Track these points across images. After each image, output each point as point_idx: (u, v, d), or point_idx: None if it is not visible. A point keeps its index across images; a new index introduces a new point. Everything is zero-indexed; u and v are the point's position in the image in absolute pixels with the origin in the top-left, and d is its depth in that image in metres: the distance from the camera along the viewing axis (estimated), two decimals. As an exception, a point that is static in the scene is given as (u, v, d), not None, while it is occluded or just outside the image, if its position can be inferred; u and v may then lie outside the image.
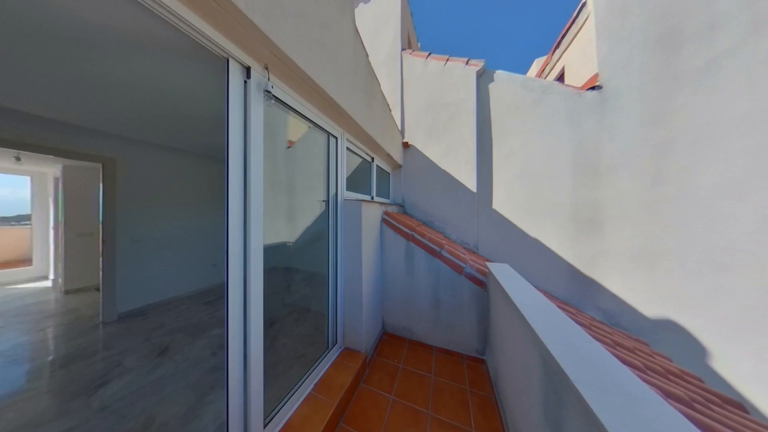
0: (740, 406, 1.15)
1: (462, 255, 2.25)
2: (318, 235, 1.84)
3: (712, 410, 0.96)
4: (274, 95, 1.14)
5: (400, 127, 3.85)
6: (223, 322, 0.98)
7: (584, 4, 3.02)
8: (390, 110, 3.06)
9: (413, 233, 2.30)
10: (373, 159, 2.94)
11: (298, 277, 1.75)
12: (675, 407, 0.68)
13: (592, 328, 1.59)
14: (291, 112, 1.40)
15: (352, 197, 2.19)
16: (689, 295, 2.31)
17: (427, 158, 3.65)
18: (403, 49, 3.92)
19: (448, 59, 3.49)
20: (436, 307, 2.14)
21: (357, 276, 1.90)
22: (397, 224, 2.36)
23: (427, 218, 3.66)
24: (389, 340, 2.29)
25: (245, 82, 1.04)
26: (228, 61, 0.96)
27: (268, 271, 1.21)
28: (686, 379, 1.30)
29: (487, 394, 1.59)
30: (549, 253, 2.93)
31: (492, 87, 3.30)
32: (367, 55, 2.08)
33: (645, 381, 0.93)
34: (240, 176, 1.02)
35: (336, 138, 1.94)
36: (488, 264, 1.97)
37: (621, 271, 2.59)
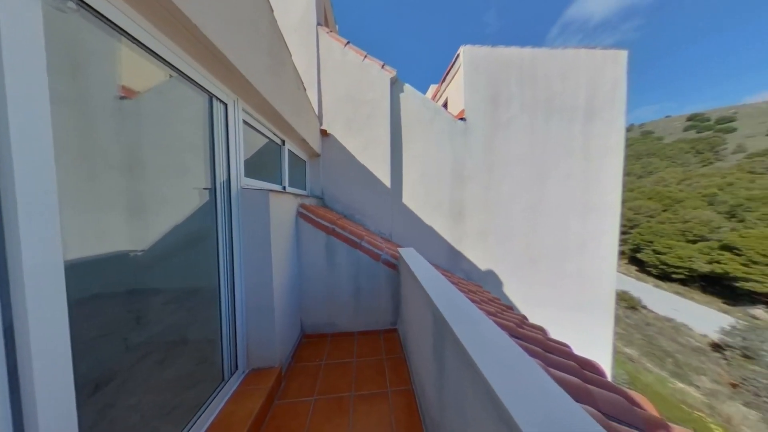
0: (511, 308, 2.20)
1: (379, 244, 2.50)
2: (195, 236, 1.33)
3: (503, 314, 1.78)
4: (78, -5, 0.65)
5: (317, 112, 3.53)
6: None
7: (458, 55, 4.19)
8: (305, 89, 2.71)
9: (334, 227, 2.24)
10: (284, 142, 2.50)
11: (157, 301, 1.17)
12: (490, 318, 1.21)
13: (459, 284, 2.37)
14: (125, 38, 0.86)
15: (255, 186, 1.76)
16: (497, 256, 4.02)
17: (348, 151, 3.64)
18: (319, 24, 3.54)
19: (366, 56, 3.58)
20: (357, 295, 2.26)
21: (266, 281, 1.58)
22: (316, 218, 2.20)
23: (349, 211, 3.70)
24: (309, 341, 2.15)
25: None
26: None
27: (89, 302, 0.72)
28: (495, 302, 2.29)
29: (398, 355, 1.93)
30: (437, 236, 3.96)
31: (402, 96, 3.80)
32: (272, 11, 1.68)
33: (480, 309, 1.53)
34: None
35: (225, 105, 1.45)
36: (399, 249, 2.34)
37: (472, 245, 4.01)
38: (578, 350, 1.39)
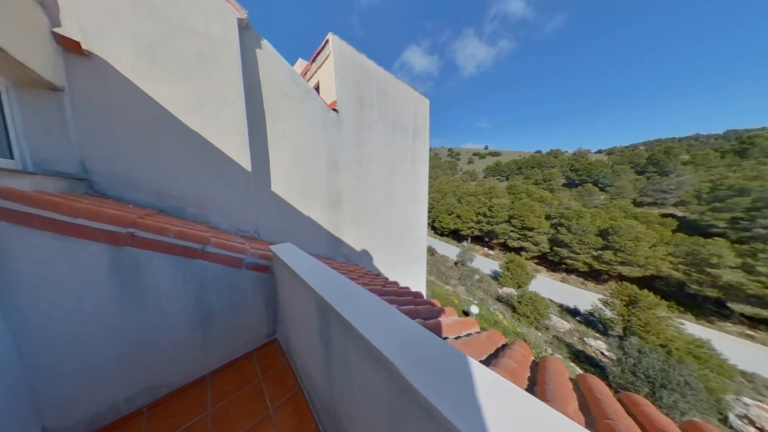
0: (378, 275, 2.87)
1: (240, 245, 1.91)
2: None
3: (373, 282, 2.27)
4: None
5: (37, -10, 1.66)
6: None
7: (327, 41, 4.10)
8: None
9: (133, 230, 1.32)
10: None
11: None
12: (365, 288, 1.52)
13: (339, 268, 2.58)
14: None
15: None
16: (368, 236, 4.91)
17: (156, 102, 2.19)
18: None
19: (184, -46, 2.25)
20: (205, 322, 1.59)
21: None
22: (67, 218, 1.13)
23: (172, 203, 2.35)
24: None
25: None
26: None
27: None
28: (369, 274, 2.84)
29: (280, 365, 1.71)
30: (317, 225, 3.89)
31: (261, 54, 2.99)
32: None
33: (359, 283, 1.82)
34: None
35: None
36: (271, 247, 1.97)
37: (349, 229, 4.49)
38: (413, 287, 2.20)
